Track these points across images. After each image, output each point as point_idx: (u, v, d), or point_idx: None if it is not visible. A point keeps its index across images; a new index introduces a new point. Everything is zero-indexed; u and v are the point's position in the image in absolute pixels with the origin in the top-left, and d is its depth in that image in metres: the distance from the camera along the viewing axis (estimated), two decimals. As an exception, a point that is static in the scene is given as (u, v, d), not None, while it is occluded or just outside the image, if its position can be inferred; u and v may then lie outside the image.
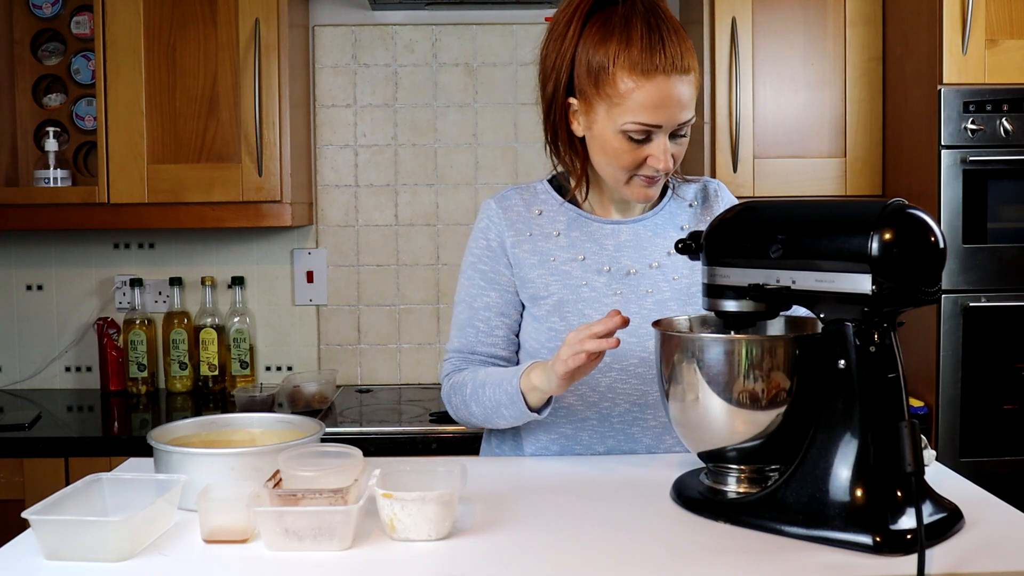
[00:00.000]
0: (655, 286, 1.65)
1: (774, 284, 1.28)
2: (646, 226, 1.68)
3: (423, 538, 1.24)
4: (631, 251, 1.66)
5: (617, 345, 1.40)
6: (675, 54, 1.51)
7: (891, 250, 1.17)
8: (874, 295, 1.18)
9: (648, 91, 1.51)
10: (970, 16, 2.31)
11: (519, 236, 1.67)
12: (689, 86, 1.53)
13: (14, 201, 2.63)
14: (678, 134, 1.56)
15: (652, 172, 1.57)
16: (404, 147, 2.99)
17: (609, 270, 1.65)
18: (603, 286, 1.64)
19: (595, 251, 1.66)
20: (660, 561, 1.18)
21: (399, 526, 1.24)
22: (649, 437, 1.65)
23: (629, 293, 1.64)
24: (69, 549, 1.18)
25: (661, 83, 1.50)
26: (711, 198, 1.73)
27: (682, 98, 1.52)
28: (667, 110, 1.52)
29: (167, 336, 2.90)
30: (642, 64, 1.50)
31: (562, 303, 1.64)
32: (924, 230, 1.20)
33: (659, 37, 1.51)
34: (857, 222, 1.20)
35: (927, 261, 1.20)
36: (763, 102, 2.61)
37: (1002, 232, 2.37)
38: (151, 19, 2.60)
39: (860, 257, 1.18)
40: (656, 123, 1.52)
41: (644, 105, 1.51)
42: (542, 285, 1.65)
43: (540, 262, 1.66)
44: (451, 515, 1.26)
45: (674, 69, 1.51)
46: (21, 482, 2.34)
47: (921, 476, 1.16)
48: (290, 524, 1.20)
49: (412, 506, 1.23)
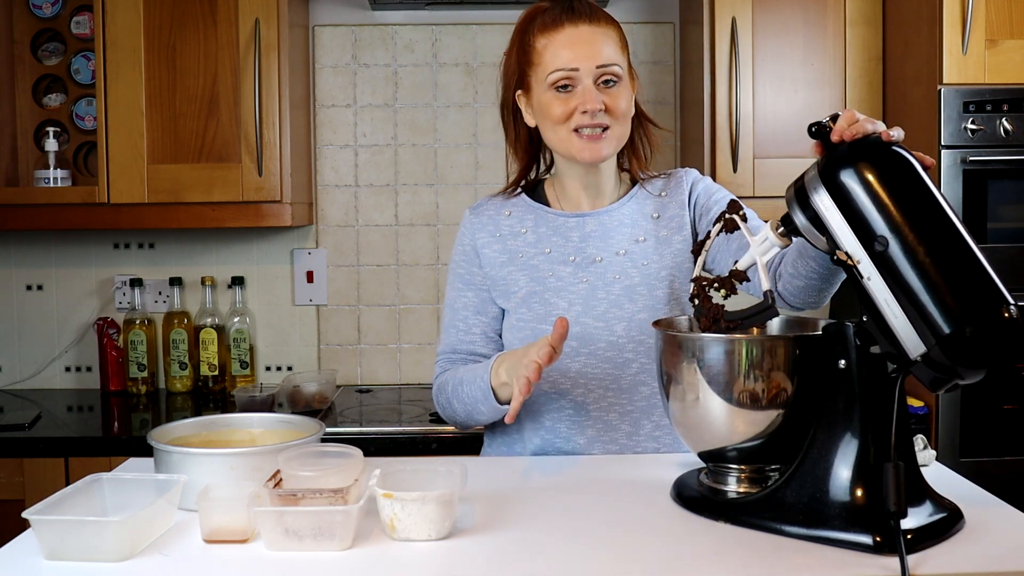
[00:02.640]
0: (623, 272, 1.69)
1: (845, 259, 1.22)
2: (612, 216, 1.74)
3: (423, 538, 1.24)
4: (596, 240, 1.72)
5: (550, 361, 1.44)
6: (583, 11, 1.66)
7: (960, 356, 1.15)
8: (918, 358, 1.18)
9: (559, 40, 1.64)
10: (970, 16, 2.32)
11: (489, 237, 1.76)
12: (603, 35, 1.64)
13: (14, 201, 2.63)
14: (606, 82, 1.64)
15: (587, 119, 1.63)
16: (404, 147, 2.99)
17: (575, 260, 1.71)
18: (569, 275, 1.70)
19: (561, 243, 1.73)
20: (660, 561, 1.18)
21: (399, 526, 1.24)
22: (627, 423, 1.66)
23: (596, 280, 1.69)
24: (69, 549, 1.18)
25: (569, 31, 1.64)
26: (679, 182, 1.77)
27: (595, 42, 1.63)
28: (578, 50, 1.62)
29: (167, 336, 2.90)
30: (551, 22, 1.66)
31: (530, 295, 1.71)
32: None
33: (569, 3, 1.67)
34: (957, 312, 1.15)
35: (978, 369, 1.17)
36: (763, 102, 2.61)
37: (1002, 232, 2.37)
38: (151, 19, 2.60)
39: (933, 328, 1.15)
40: (571, 66, 1.63)
41: (557, 53, 1.64)
42: (511, 281, 1.73)
43: (509, 260, 1.74)
44: (451, 515, 1.26)
45: (582, 20, 1.64)
46: (21, 482, 2.34)
47: (902, 517, 1.15)
48: (290, 524, 1.20)
49: (412, 506, 1.23)
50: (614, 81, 1.64)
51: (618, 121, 1.65)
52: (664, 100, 2.97)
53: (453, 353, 1.77)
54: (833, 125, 1.27)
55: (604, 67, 1.63)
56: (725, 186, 2.59)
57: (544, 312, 1.68)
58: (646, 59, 2.97)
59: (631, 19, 2.97)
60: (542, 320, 1.68)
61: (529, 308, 1.70)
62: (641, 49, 2.97)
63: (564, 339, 1.46)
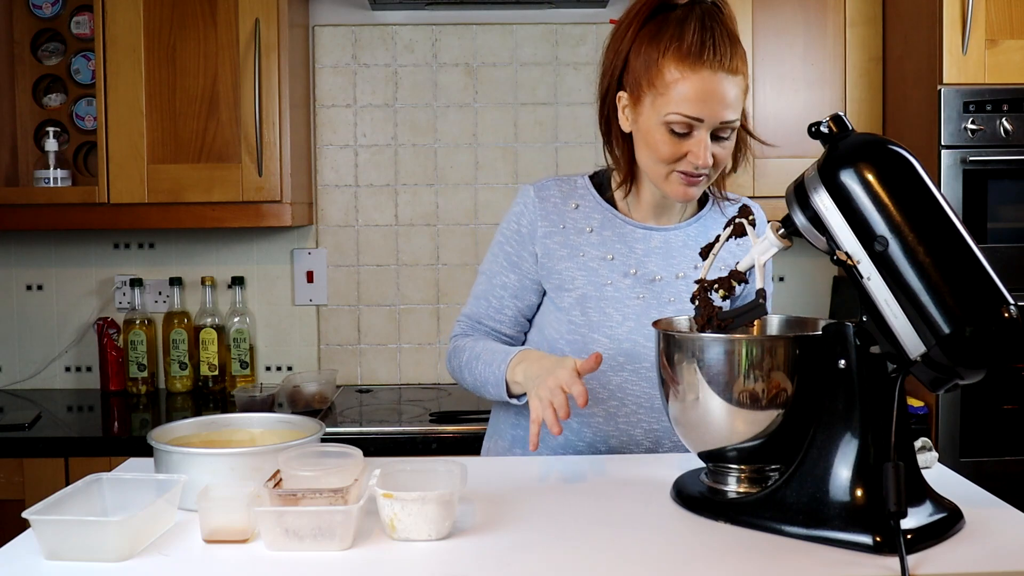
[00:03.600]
0: (678, 295, 1.68)
1: (845, 259, 1.22)
2: (678, 235, 1.71)
3: (423, 538, 1.24)
4: (659, 258, 1.69)
5: (584, 404, 1.45)
6: (724, 53, 1.54)
7: (960, 356, 1.16)
8: (918, 358, 1.18)
9: (692, 83, 1.53)
10: (970, 16, 2.32)
11: (552, 227, 1.71)
12: (735, 87, 1.55)
13: (14, 201, 2.63)
14: (721, 135, 1.58)
15: (691, 168, 1.58)
16: (404, 147, 2.99)
17: (635, 273, 1.68)
18: (627, 288, 1.67)
19: (624, 252, 1.69)
20: (660, 561, 1.18)
21: (399, 526, 1.24)
22: (650, 440, 1.68)
23: (652, 299, 1.67)
24: (69, 549, 1.18)
25: (706, 77, 1.53)
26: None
27: (726, 96, 1.54)
28: (709, 104, 1.54)
29: (167, 336, 2.90)
30: (690, 57, 1.53)
31: (585, 298, 1.67)
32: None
33: (711, 35, 1.54)
34: (957, 312, 1.15)
35: (978, 368, 1.18)
36: (763, 102, 2.61)
37: (1002, 232, 2.37)
38: (151, 19, 2.60)
39: (933, 328, 1.16)
40: (698, 116, 1.54)
41: (687, 97, 1.54)
42: (568, 278, 1.69)
43: (569, 255, 1.69)
44: (451, 515, 1.26)
45: (720, 67, 1.53)
46: (21, 482, 2.34)
47: (902, 517, 1.15)
48: (290, 524, 1.20)
49: (412, 506, 1.23)
50: (729, 135, 1.59)
51: (717, 169, 1.62)
52: (664, 100, 2.97)
53: (479, 323, 1.78)
54: (833, 126, 1.27)
55: (727, 123, 1.56)
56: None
57: (599, 320, 1.66)
58: (646, 59, 2.97)
59: (631, 19, 2.97)
60: (595, 328, 1.67)
61: (583, 312, 1.67)
62: (641, 49, 2.97)
63: (592, 371, 1.47)
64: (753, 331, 1.48)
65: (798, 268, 2.99)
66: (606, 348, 1.66)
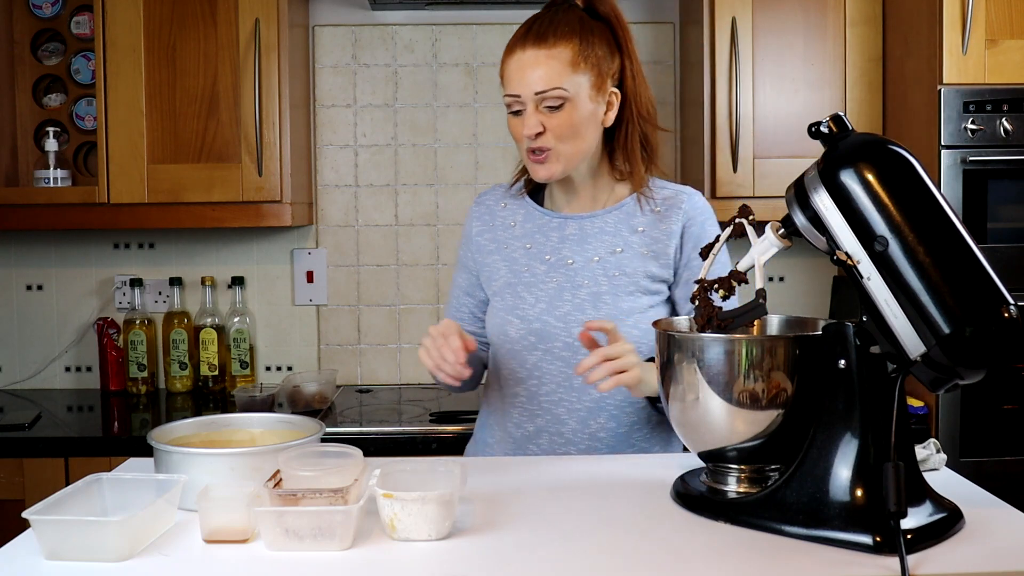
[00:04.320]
0: (593, 279, 1.73)
1: (845, 259, 1.23)
2: (594, 223, 1.77)
3: (423, 538, 1.24)
4: (574, 244, 1.77)
5: (463, 349, 1.59)
6: (543, 32, 1.67)
7: (960, 356, 1.16)
8: (918, 358, 1.18)
9: (508, 64, 1.69)
10: (970, 16, 2.32)
11: (484, 226, 1.86)
12: (551, 59, 1.65)
13: (14, 201, 2.63)
14: (549, 106, 1.66)
15: (529, 143, 1.68)
16: (404, 147, 2.99)
17: (550, 259, 1.77)
18: (543, 273, 1.76)
19: (541, 241, 1.79)
20: (660, 561, 1.18)
21: (399, 526, 1.24)
22: (575, 420, 1.72)
23: (565, 282, 1.74)
24: (69, 549, 1.18)
25: (517, 55, 1.68)
26: (677, 209, 1.76)
27: (537, 67, 1.65)
28: (520, 77, 1.66)
29: (167, 336, 2.90)
30: (510, 46, 1.70)
31: (506, 285, 1.79)
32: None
33: (538, 21, 1.69)
34: (957, 312, 1.15)
35: (977, 369, 1.18)
36: (763, 102, 2.61)
37: (1002, 232, 2.37)
38: (151, 19, 2.60)
39: (933, 328, 1.16)
40: (514, 92, 1.68)
41: (508, 77, 1.69)
42: (495, 269, 1.81)
43: (496, 249, 1.82)
44: (451, 515, 1.26)
45: (534, 44, 1.66)
46: (21, 482, 2.34)
47: (902, 517, 1.15)
48: (290, 524, 1.20)
49: (412, 506, 1.23)
50: (559, 104, 1.66)
51: (563, 142, 1.68)
52: (664, 100, 2.97)
53: (458, 311, 1.90)
54: (833, 126, 1.27)
55: (542, 93, 1.65)
56: (725, 186, 2.62)
57: (513, 304, 1.76)
58: (646, 59, 2.97)
59: (631, 19, 2.93)
60: (510, 311, 1.76)
61: (503, 298, 1.78)
62: (641, 49, 2.96)
63: (462, 352, 1.59)
64: (753, 331, 1.48)
65: (798, 268, 2.99)
66: (518, 328, 1.74)
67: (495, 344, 1.79)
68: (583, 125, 1.68)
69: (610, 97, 1.72)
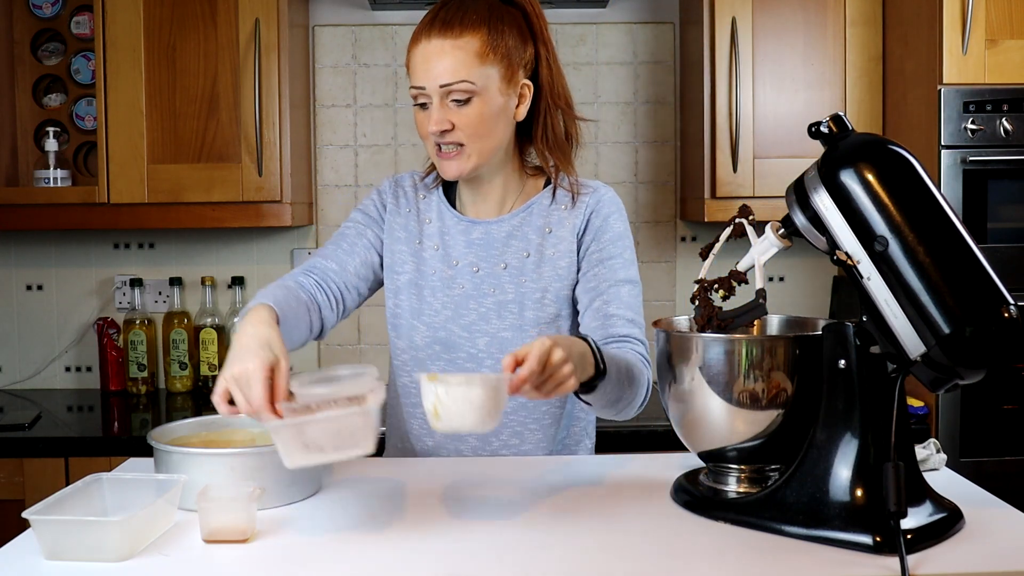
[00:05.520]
0: (499, 286, 1.66)
1: (845, 259, 1.23)
2: (502, 227, 1.68)
3: (468, 428, 1.19)
4: (481, 250, 1.68)
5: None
6: (450, 21, 1.58)
7: (960, 356, 1.16)
8: (918, 358, 1.18)
9: (414, 55, 1.60)
10: (970, 16, 2.32)
11: (398, 208, 1.73)
12: (457, 50, 1.56)
13: (14, 201, 2.63)
14: (456, 99, 1.57)
15: (436, 139, 1.59)
16: (404, 147, 2.99)
17: (458, 264, 1.68)
18: (449, 279, 1.68)
19: (450, 244, 1.69)
20: (660, 561, 1.18)
21: (443, 412, 1.19)
22: (474, 437, 1.67)
23: (472, 290, 1.66)
24: (69, 549, 1.18)
25: (423, 46, 1.58)
26: (583, 205, 1.67)
27: (443, 59, 1.56)
28: (424, 69, 1.57)
29: (167, 336, 2.90)
30: (416, 34, 1.61)
31: (411, 284, 1.69)
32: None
33: (445, 10, 1.60)
34: (957, 312, 1.15)
35: (977, 369, 1.18)
36: (763, 102, 2.61)
37: (1002, 232, 2.37)
38: (151, 19, 2.60)
39: (933, 328, 1.16)
40: (419, 84, 1.58)
41: (414, 68, 1.60)
42: (401, 260, 1.70)
43: (407, 239, 1.71)
44: (500, 404, 1.20)
45: (440, 34, 1.57)
46: (21, 482, 2.34)
47: (902, 517, 1.15)
48: (310, 437, 1.17)
49: (457, 391, 1.18)
50: (466, 98, 1.56)
51: (473, 138, 1.58)
52: (664, 100, 2.97)
53: (311, 271, 1.67)
54: (833, 126, 1.27)
55: (447, 86, 1.55)
56: (725, 186, 2.62)
57: (419, 308, 1.67)
58: (646, 59, 2.97)
59: (631, 19, 2.97)
60: (416, 315, 1.67)
61: (407, 298, 1.68)
62: (641, 49, 2.97)
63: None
64: (753, 331, 1.48)
65: (798, 268, 2.99)
66: (424, 336, 1.67)
67: (397, 348, 1.71)
68: (493, 120, 1.59)
69: (522, 89, 1.62)
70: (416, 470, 1.57)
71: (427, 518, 1.34)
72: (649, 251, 2.99)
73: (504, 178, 1.68)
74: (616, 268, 1.63)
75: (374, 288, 1.75)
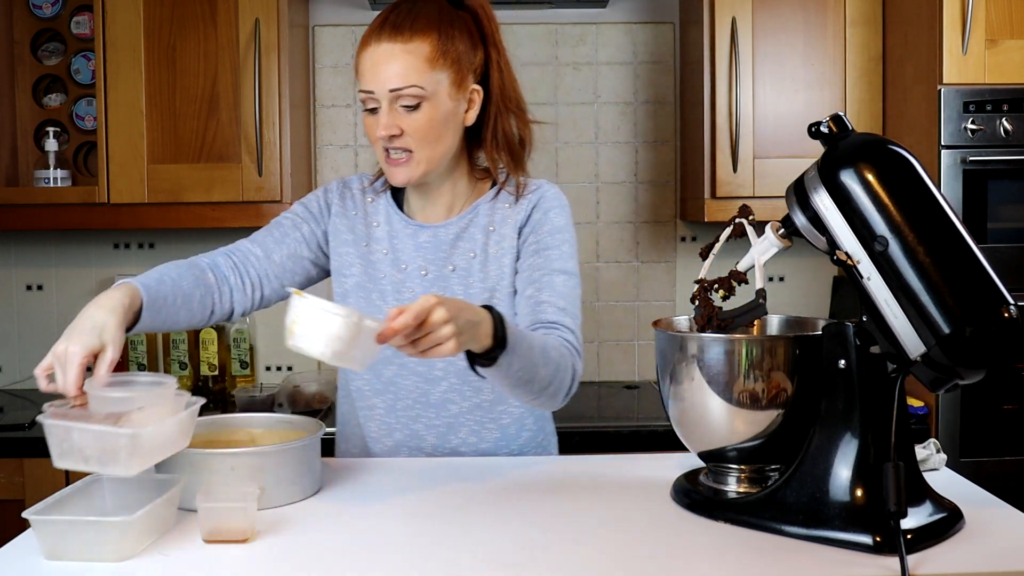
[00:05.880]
0: (448, 288, 1.65)
1: (845, 259, 1.23)
2: (449, 230, 1.67)
3: (316, 353, 1.21)
4: (429, 253, 1.67)
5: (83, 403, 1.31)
6: (399, 24, 1.56)
7: (960, 356, 1.16)
8: (918, 358, 1.18)
9: (363, 59, 1.57)
10: (970, 16, 2.32)
11: (344, 210, 1.72)
12: (407, 54, 1.54)
13: (14, 201, 2.63)
14: (405, 105, 1.55)
15: (385, 143, 1.58)
16: (404, 147, 2.99)
17: (407, 268, 1.68)
18: (398, 283, 1.67)
19: (398, 248, 1.69)
20: (660, 561, 1.18)
21: (297, 330, 1.21)
22: (433, 436, 1.67)
23: (420, 293, 1.65)
24: (69, 549, 1.18)
25: (372, 49, 1.56)
26: (526, 202, 1.67)
27: (392, 63, 1.54)
28: (372, 73, 1.55)
29: (167, 336, 2.90)
30: (365, 37, 1.58)
31: (359, 287, 1.69)
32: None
33: (395, 13, 1.58)
34: (957, 312, 1.16)
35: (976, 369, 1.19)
36: (763, 102, 2.61)
37: (1002, 232, 2.37)
38: (151, 19, 2.60)
39: (933, 328, 1.16)
40: (368, 88, 1.56)
41: (362, 72, 1.58)
42: (347, 263, 1.70)
43: (354, 241, 1.71)
44: (361, 346, 1.22)
45: (390, 37, 1.55)
46: (21, 482, 2.34)
47: (902, 517, 1.15)
48: (75, 442, 1.18)
49: (316, 313, 1.19)
50: (415, 103, 1.55)
51: (422, 144, 1.57)
52: (664, 100, 2.97)
53: (233, 253, 1.73)
54: (833, 126, 1.27)
55: (397, 91, 1.54)
56: (725, 186, 2.62)
57: (368, 311, 1.64)
58: (646, 59, 2.97)
59: (631, 19, 2.97)
60: None
61: (356, 300, 1.68)
62: (641, 49, 2.97)
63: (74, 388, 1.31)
64: (753, 331, 1.48)
65: (798, 268, 2.99)
66: None
67: None
68: (442, 126, 1.58)
69: (471, 94, 1.61)
70: (416, 470, 1.57)
71: (427, 518, 1.34)
72: (649, 251, 2.99)
73: (453, 182, 1.68)
74: (552, 259, 1.62)
75: (303, 283, 1.75)
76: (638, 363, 3.02)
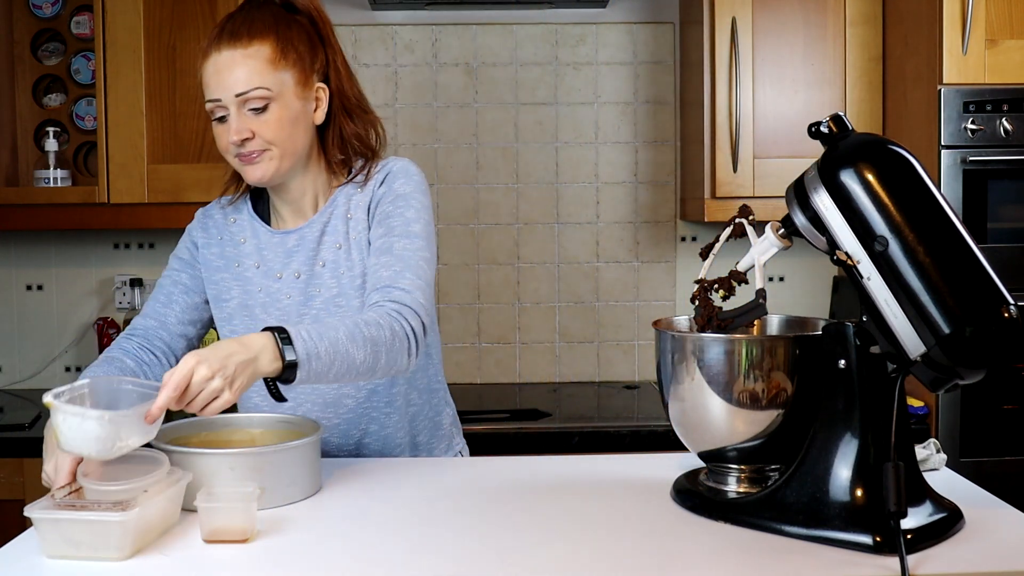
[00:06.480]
0: (323, 284, 1.65)
1: (845, 259, 1.23)
2: (313, 228, 1.67)
3: (93, 455, 1.23)
4: (298, 255, 1.67)
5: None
6: (235, 30, 1.57)
7: (960, 356, 1.16)
8: (918, 358, 1.18)
9: (206, 69, 1.59)
10: (970, 16, 2.32)
11: (210, 239, 1.73)
12: (249, 59, 1.56)
13: (14, 201, 2.63)
14: (253, 108, 1.57)
15: (236, 150, 1.59)
16: (404, 147, 2.99)
17: (281, 276, 1.67)
18: (276, 292, 1.67)
19: (269, 259, 1.69)
20: (660, 561, 1.18)
21: (62, 439, 1.22)
22: (337, 435, 1.67)
23: (298, 295, 1.66)
24: (70, 548, 1.18)
25: (214, 58, 1.57)
26: (376, 180, 1.67)
27: (235, 68, 1.55)
28: (217, 81, 1.56)
29: (167, 336, 2.90)
30: (205, 48, 1.59)
31: (241, 307, 1.69)
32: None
33: (232, 20, 1.59)
34: (957, 312, 1.15)
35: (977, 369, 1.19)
36: (763, 102, 2.61)
37: (1002, 232, 2.37)
38: (151, 19, 2.60)
39: (933, 328, 1.16)
40: (215, 97, 1.57)
41: (207, 82, 1.59)
42: (225, 288, 1.70)
43: (226, 266, 1.71)
44: (132, 433, 1.24)
45: (229, 44, 1.56)
46: (21, 482, 2.34)
47: (902, 517, 1.15)
48: (67, 532, 1.18)
49: (72, 420, 1.21)
50: (263, 104, 1.57)
51: (275, 143, 1.59)
52: (664, 100, 2.97)
53: (133, 335, 1.72)
54: (833, 126, 1.27)
55: (243, 95, 1.56)
56: (725, 186, 2.62)
57: (252, 327, 1.65)
58: (646, 59, 2.97)
59: (631, 19, 2.97)
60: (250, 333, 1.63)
61: (241, 321, 1.68)
62: (641, 49, 2.98)
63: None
64: (753, 331, 1.48)
65: (798, 268, 2.99)
66: None
67: None
68: (292, 124, 1.59)
69: (318, 92, 1.63)
70: (415, 470, 1.57)
71: (427, 517, 1.34)
72: (649, 251, 2.99)
73: (311, 181, 1.68)
74: (394, 226, 1.61)
75: (208, 325, 1.76)
76: (638, 363, 3.02)
